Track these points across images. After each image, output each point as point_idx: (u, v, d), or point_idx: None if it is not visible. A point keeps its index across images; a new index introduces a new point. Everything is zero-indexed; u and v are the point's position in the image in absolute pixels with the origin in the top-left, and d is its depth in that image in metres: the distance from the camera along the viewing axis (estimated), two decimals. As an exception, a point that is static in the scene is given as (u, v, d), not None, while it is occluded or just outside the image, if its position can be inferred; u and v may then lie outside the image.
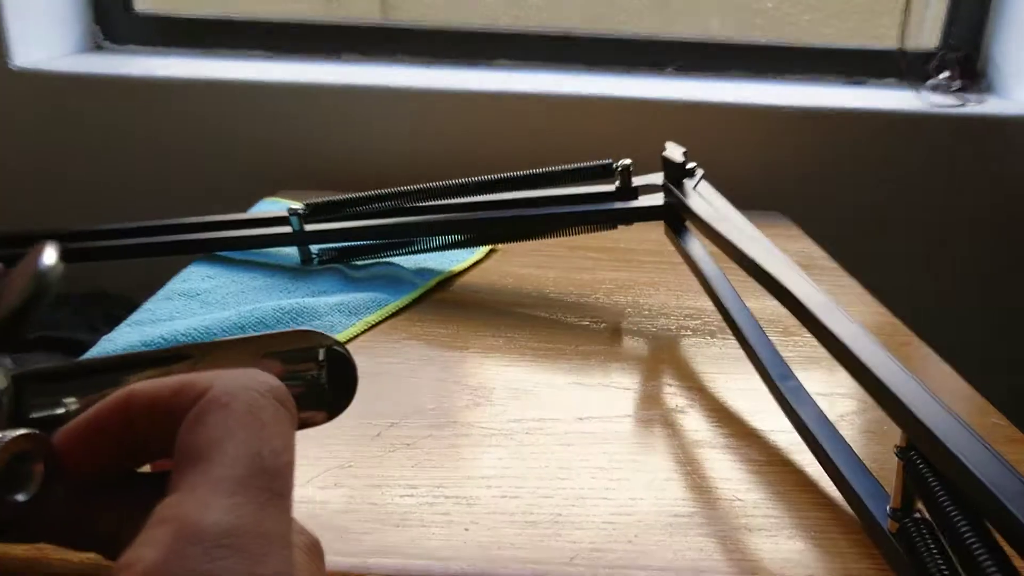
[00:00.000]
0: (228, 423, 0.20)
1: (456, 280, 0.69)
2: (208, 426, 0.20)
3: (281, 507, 0.19)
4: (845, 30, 1.14)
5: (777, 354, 0.48)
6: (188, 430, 0.20)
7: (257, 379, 0.21)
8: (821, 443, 0.41)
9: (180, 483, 0.19)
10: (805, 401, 0.44)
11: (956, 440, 0.28)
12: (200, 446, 0.19)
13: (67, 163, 0.98)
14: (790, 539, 0.37)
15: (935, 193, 0.98)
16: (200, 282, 0.64)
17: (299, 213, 0.67)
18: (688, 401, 0.50)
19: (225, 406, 0.20)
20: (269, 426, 0.20)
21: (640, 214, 0.66)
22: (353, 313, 0.59)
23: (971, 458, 0.27)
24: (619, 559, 0.35)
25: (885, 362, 0.34)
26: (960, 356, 0.63)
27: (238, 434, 0.19)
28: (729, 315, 0.53)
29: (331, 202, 0.67)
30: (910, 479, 0.32)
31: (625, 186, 0.66)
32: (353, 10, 1.14)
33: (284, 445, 0.20)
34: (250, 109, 0.96)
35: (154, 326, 0.56)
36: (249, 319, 0.57)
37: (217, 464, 0.19)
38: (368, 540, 0.36)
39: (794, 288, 0.41)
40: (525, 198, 0.68)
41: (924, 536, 0.31)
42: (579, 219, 0.66)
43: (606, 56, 1.09)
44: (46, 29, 0.99)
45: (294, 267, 0.68)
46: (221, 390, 0.20)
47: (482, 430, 0.45)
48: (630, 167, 0.66)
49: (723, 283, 0.56)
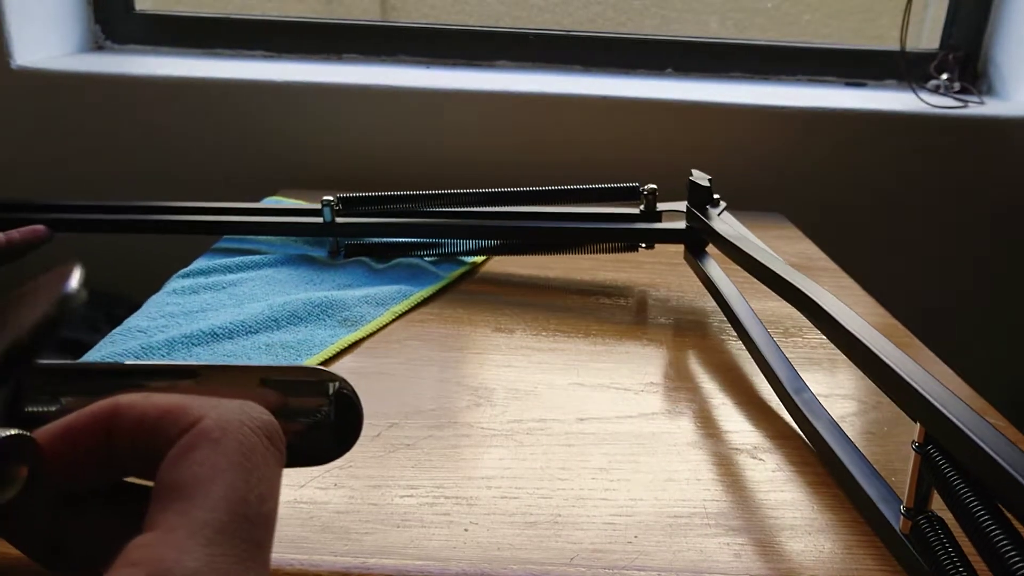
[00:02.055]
0: (217, 461, 0.19)
1: (457, 280, 0.69)
2: (195, 462, 0.19)
3: (260, 560, 0.18)
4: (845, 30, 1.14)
5: (793, 369, 0.49)
6: (174, 463, 0.19)
7: (251, 414, 0.20)
8: (835, 450, 0.41)
9: (159, 521, 0.18)
10: (820, 415, 0.45)
11: (978, 430, 0.29)
12: (185, 483, 0.18)
13: (67, 162, 0.98)
14: (790, 540, 0.37)
15: (935, 194, 0.98)
16: (223, 275, 0.65)
17: (332, 204, 0.68)
18: (688, 402, 0.50)
19: (215, 441, 0.19)
20: (258, 468, 0.19)
21: (662, 236, 0.68)
22: (381, 304, 0.61)
23: (994, 447, 0.28)
24: (619, 560, 0.35)
25: (904, 360, 0.35)
26: (960, 356, 0.63)
27: (226, 475, 0.18)
28: (746, 333, 0.54)
29: (363, 197, 0.69)
30: (928, 473, 0.32)
31: (650, 209, 0.68)
32: (353, 10, 1.14)
33: (270, 490, 0.19)
34: (250, 109, 0.96)
35: (189, 319, 0.57)
36: (281, 312, 0.58)
37: (199, 506, 0.18)
38: (368, 540, 0.36)
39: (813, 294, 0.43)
40: (551, 212, 0.70)
41: (939, 533, 0.32)
42: (603, 236, 0.68)
43: (606, 56, 1.09)
44: (47, 28, 0.99)
45: (318, 260, 0.70)
46: (213, 423, 0.19)
47: (482, 430, 0.45)
48: (656, 191, 0.68)
49: (740, 302, 0.57)
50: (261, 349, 0.53)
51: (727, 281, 0.60)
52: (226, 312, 0.58)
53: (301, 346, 0.54)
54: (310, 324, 0.57)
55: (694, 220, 0.65)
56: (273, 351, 0.53)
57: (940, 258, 1.01)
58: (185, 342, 0.53)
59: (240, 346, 0.53)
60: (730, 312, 0.57)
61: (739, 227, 0.62)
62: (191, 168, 0.98)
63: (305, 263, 0.69)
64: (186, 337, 0.53)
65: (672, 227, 0.67)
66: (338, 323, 0.58)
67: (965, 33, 1.06)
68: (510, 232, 0.69)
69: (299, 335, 0.55)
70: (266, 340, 0.54)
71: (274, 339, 0.55)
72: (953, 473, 0.30)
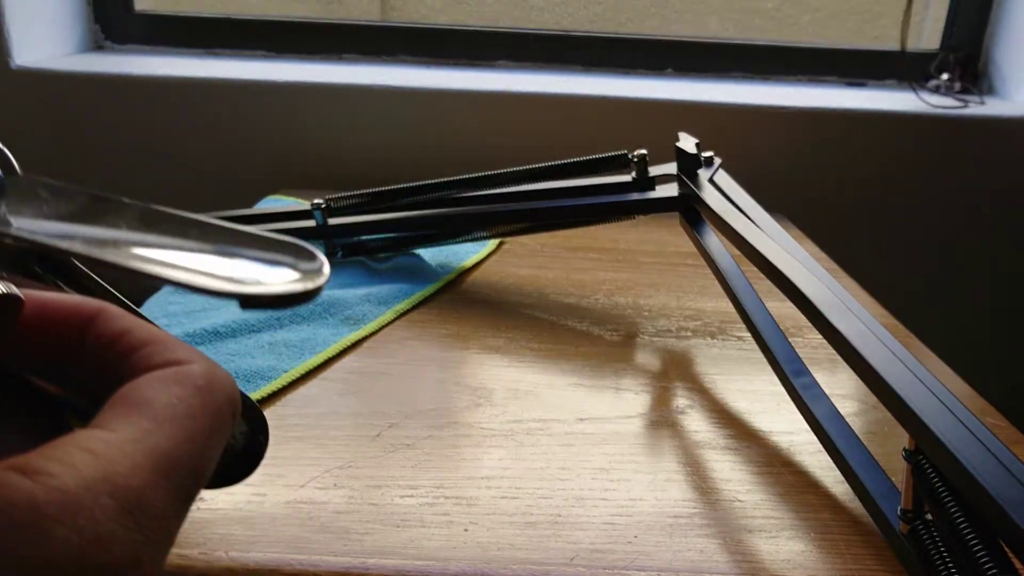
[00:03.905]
0: (194, 407, 0.18)
1: (457, 280, 0.69)
2: (175, 396, 0.18)
3: (183, 516, 0.18)
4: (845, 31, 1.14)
5: (792, 350, 0.48)
6: (150, 385, 0.18)
7: (232, 383, 0.20)
8: (834, 440, 0.41)
9: (118, 426, 0.17)
10: (819, 398, 0.44)
11: (963, 448, 0.28)
12: (157, 408, 0.18)
13: (67, 162, 0.98)
14: (790, 540, 0.37)
15: (935, 194, 0.98)
16: None
17: (322, 207, 0.68)
18: (689, 402, 0.50)
19: (199, 388, 0.19)
20: (219, 434, 0.19)
21: (656, 205, 0.65)
22: (383, 303, 0.61)
23: (978, 467, 0.27)
24: (619, 560, 0.35)
25: (892, 364, 0.34)
26: (960, 356, 0.63)
27: (197, 423, 0.18)
28: (743, 308, 0.52)
29: (352, 196, 0.68)
30: (918, 483, 0.32)
31: (642, 176, 0.65)
32: (353, 10, 1.14)
33: (213, 461, 0.19)
34: (250, 109, 0.96)
35: (191, 318, 0.57)
36: (283, 311, 0.58)
37: (166, 437, 0.17)
38: (368, 541, 0.36)
39: (803, 286, 0.41)
40: (542, 190, 0.68)
41: (936, 541, 0.31)
42: (596, 210, 0.66)
43: (606, 56, 1.09)
44: (47, 28, 0.99)
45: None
46: (201, 372, 0.19)
47: (482, 431, 0.45)
48: (646, 157, 0.65)
49: (739, 277, 0.55)
50: (264, 348, 0.53)
51: (724, 253, 0.58)
52: (228, 311, 0.58)
53: (304, 345, 0.54)
54: (312, 323, 0.57)
55: (685, 187, 0.62)
56: (276, 350, 0.53)
57: (940, 258, 1.01)
58: (188, 341, 0.53)
59: (243, 345, 0.53)
60: (726, 285, 0.55)
61: (735, 190, 0.59)
62: (191, 168, 0.98)
63: None
64: (189, 336, 0.53)
65: (665, 196, 0.64)
66: (340, 322, 0.58)
67: (965, 33, 1.06)
68: (503, 216, 0.67)
69: (302, 334, 0.55)
70: (269, 339, 0.54)
71: (277, 338, 0.55)
72: (940, 484, 0.30)
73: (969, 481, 0.27)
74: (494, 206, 0.68)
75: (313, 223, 0.68)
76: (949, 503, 0.29)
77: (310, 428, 0.45)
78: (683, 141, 0.63)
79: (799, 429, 0.46)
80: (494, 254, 0.75)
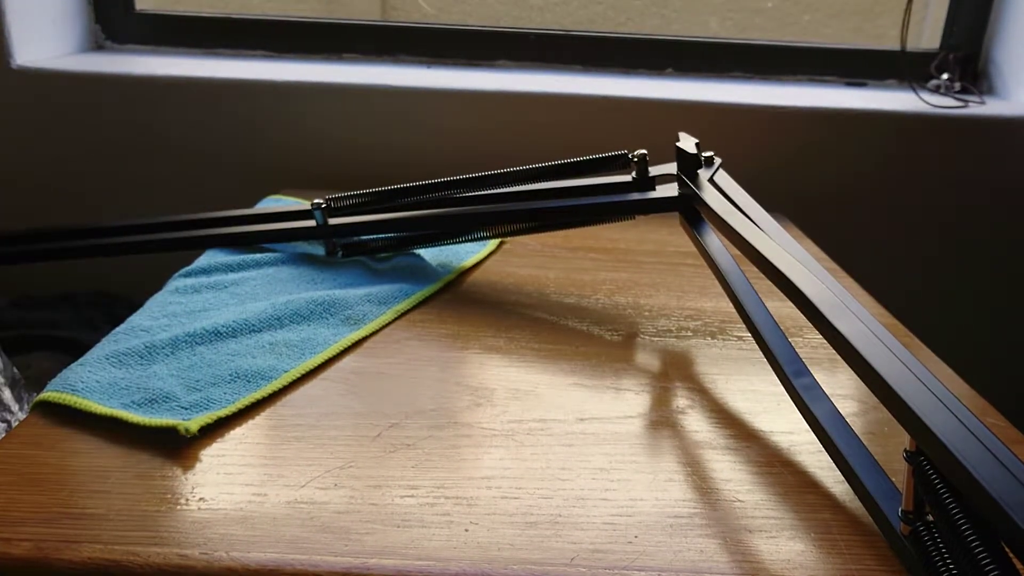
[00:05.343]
0: None
1: (457, 280, 0.69)
2: None
3: None
4: (845, 30, 1.14)
5: (792, 350, 0.48)
6: None
7: None
8: (835, 441, 0.40)
9: None
10: (819, 398, 0.44)
11: (963, 448, 0.28)
12: None
13: (67, 162, 0.98)
14: (791, 540, 0.37)
15: (935, 194, 0.98)
16: (225, 274, 0.66)
17: (322, 207, 0.68)
18: (689, 402, 0.50)
19: None
20: None
21: (656, 205, 0.65)
22: (383, 303, 0.61)
23: (978, 468, 0.27)
24: (619, 560, 0.35)
25: (892, 364, 0.34)
26: (960, 356, 0.63)
27: None
28: (743, 308, 0.52)
29: (352, 196, 0.68)
30: (919, 484, 0.32)
31: (642, 176, 0.66)
32: (353, 10, 1.14)
33: None
34: (250, 109, 0.96)
35: (192, 318, 0.57)
36: (284, 311, 0.58)
37: None
38: (369, 541, 0.36)
39: (803, 286, 0.41)
40: (543, 190, 0.68)
41: (937, 542, 0.31)
42: (596, 210, 0.66)
43: (606, 56, 1.09)
44: (47, 28, 0.99)
45: (318, 259, 0.70)
46: None
47: (482, 431, 0.45)
48: (646, 157, 0.66)
49: (739, 277, 0.55)
50: (265, 348, 0.53)
51: (724, 253, 0.58)
52: (229, 311, 0.58)
53: (305, 345, 0.54)
54: (313, 323, 0.57)
55: (685, 187, 0.62)
56: (277, 349, 0.53)
57: (940, 257, 1.01)
58: (189, 341, 0.53)
59: (244, 345, 0.53)
60: (726, 285, 0.55)
61: (735, 190, 0.59)
62: (191, 168, 0.98)
63: (306, 262, 0.69)
64: (189, 336, 0.53)
65: (665, 196, 0.65)
66: (341, 322, 0.58)
67: (966, 33, 1.06)
68: (504, 216, 0.67)
69: (303, 334, 0.55)
70: (270, 339, 0.54)
71: (278, 338, 0.55)
72: (942, 485, 0.30)
73: (969, 481, 0.27)
74: (494, 206, 0.68)
75: (313, 223, 0.69)
76: (950, 504, 0.29)
77: (310, 428, 0.45)
78: (683, 141, 0.63)
79: (799, 429, 0.46)
80: (494, 254, 0.75)
